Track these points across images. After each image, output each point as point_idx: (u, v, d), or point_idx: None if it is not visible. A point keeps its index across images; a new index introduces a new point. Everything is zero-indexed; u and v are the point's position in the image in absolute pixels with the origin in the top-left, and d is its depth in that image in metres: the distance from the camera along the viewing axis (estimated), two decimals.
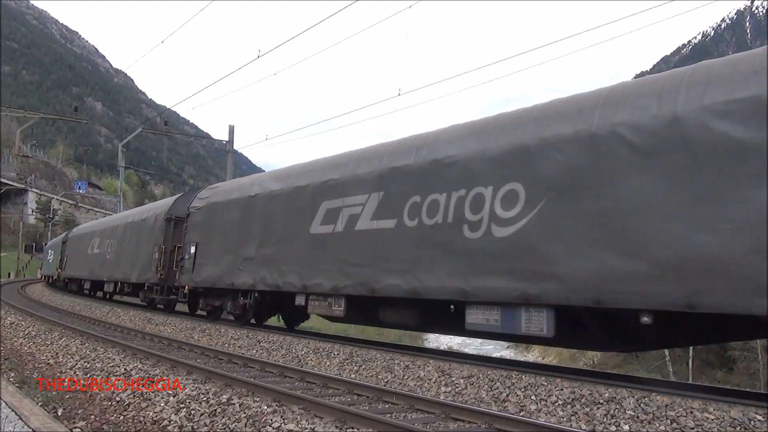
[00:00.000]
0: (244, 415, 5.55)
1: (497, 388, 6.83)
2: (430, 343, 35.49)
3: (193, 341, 11.72)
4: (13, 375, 7.97)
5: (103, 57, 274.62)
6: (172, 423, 5.56)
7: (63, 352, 9.95)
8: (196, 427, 5.41)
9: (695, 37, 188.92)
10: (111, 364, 8.49)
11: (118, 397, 6.59)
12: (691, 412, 5.41)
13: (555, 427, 5.09)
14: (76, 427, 5.51)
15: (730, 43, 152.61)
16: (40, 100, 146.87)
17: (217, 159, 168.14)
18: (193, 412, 5.80)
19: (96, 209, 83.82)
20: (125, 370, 8.05)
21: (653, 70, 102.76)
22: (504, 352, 36.95)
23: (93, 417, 5.95)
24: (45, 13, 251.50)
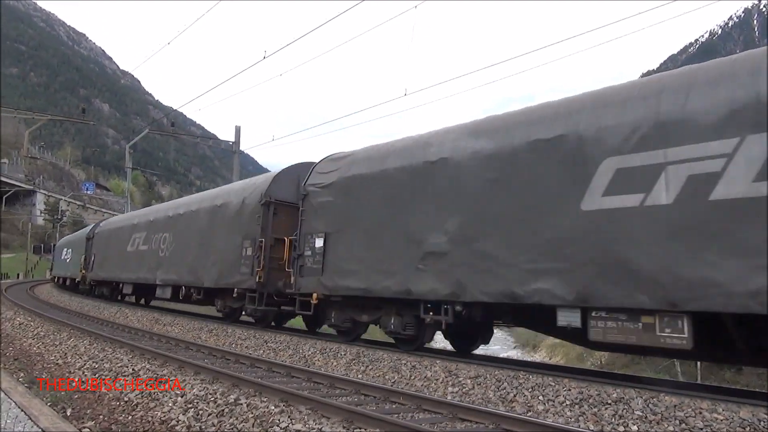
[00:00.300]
0: (251, 415, 5.56)
1: (504, 388, 6.82)
2: (437, 344, 35.38)
3: (200, 342, 11.77)
4: (22, 375, 8.03)
5: (110, 59, 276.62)
6: (180, 423, 5.58)
7: (71, 352, 10.01)
8: (204, 427, 5.43)
9: (702, 35, 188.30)
10: (119, 365, 8.53)
11: (126, 397, 6.63)
12: (700, 413, 5.38)
13: (563, 428, 5.07)
14: (84, 427, 5.54)
15: (738, 41, 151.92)
16: (47, 101, 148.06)
17: (223, 160, 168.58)
18: (201, 412, 5.82)
19: (104, 210, 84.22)
20: (133, 370, 8.09)
21: (660, 68, 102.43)
22: (511, 352, 36.86)
23: (101, 417, 5.98)
24: (52, 15, 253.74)
